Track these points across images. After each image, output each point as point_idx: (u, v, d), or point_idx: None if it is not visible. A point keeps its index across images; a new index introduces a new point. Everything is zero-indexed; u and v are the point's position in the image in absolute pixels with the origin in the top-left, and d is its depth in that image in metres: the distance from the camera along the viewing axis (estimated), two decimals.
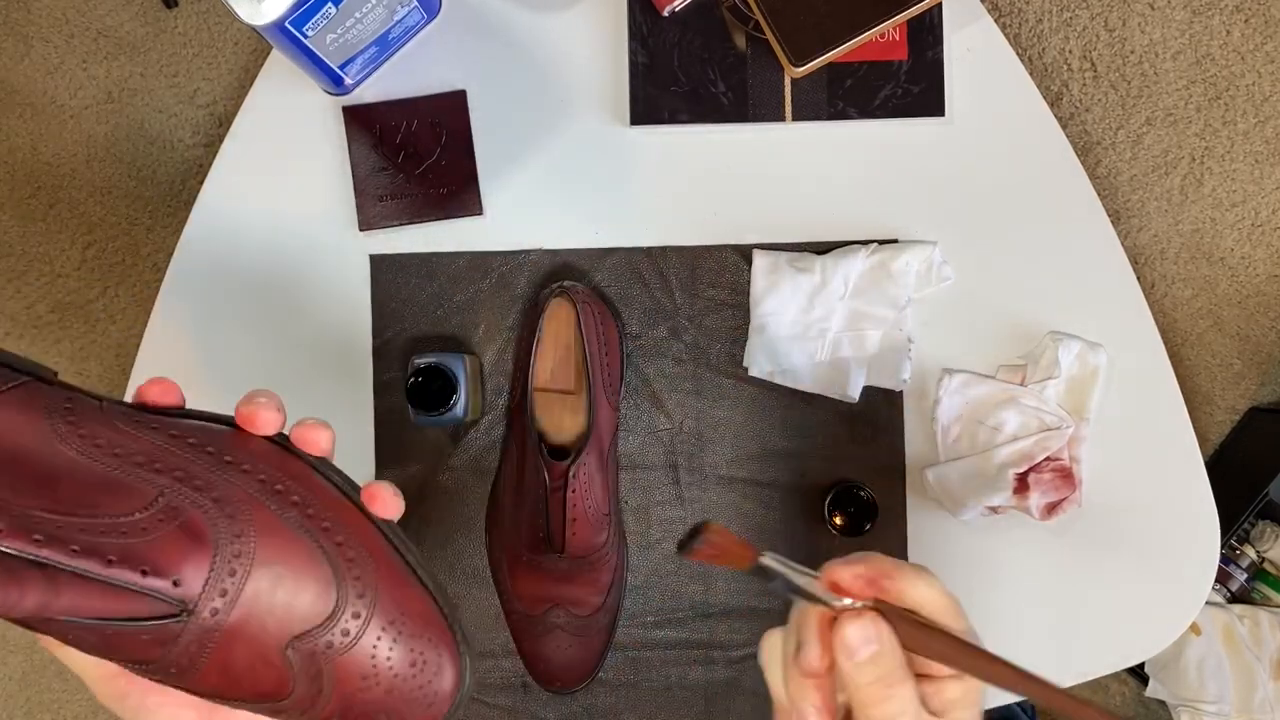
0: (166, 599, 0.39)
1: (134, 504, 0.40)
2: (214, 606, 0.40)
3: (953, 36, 0.87)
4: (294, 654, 0.41)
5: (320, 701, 0.42)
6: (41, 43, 1.49)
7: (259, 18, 0.71)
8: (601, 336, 0.83)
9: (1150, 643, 0.87)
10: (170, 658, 0.40)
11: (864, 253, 0.86)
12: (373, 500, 0.44)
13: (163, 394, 0.44)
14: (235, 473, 0.42)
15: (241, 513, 0.41)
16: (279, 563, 0.41)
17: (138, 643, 0.40)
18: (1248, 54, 1.46)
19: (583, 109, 0.89)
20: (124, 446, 0.41)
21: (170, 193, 1.49)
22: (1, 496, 0.38)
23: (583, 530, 0.81)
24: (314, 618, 0.41)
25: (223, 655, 0.41)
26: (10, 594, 0.37)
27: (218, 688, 0.42)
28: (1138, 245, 1.46)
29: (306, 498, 0.43)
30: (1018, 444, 0.85)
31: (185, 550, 0.40)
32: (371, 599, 0.42)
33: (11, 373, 0.42)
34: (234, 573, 0.40)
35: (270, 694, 0.42)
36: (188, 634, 0.40)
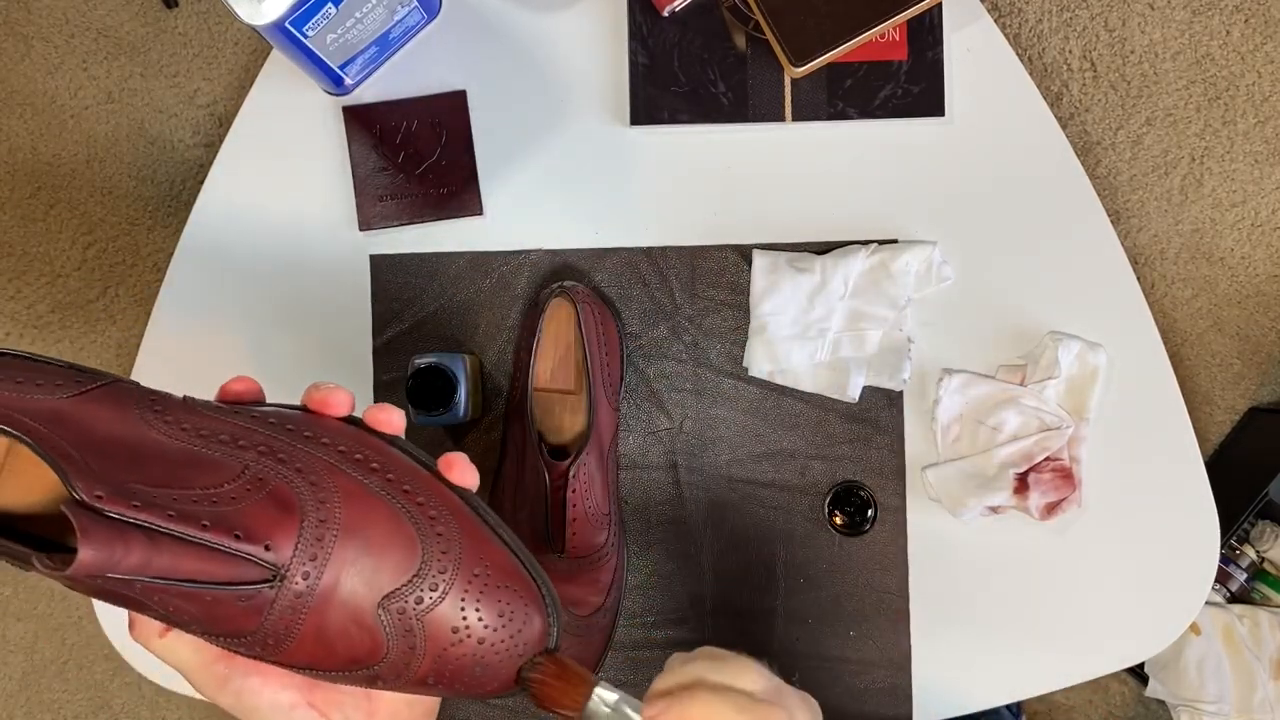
0: (260, 562, 0.40)
1: (222, 477, 0.41)
2: (305, 570, 0.41)
3: (953, 36, 0.87)
4: (385, 614, 0.42)
5: (414, 661, 0.43)
6: (41, 43, 1.49)
7: (259, 18, 0.71)
8: (601, 336, 0.83)
9: (1150, 643, 0.87)
10: (267, 627, 0.41)
11: (864, 253, 0.86)
12: (449, 468, 0.46)
13: (245, 390, 0.47)
14: (315, 445, 0.44)
15: (324, 481, 0.43)
16: (364, 525, 0.42)
17: (235, 610, 0.41)
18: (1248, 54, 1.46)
19: (583, 109, 0.89)
20: (208, 428, 0.43)
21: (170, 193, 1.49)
22: (99, 471, 0.40)
23: (583, 530, 0.81)
24: (402, 575, 0.42)
25: (316, 621, 0.42)
26: (116, 549, 0.38)
27: (313, 657, 0.43)
28: (1138, 245, 1.46)
29: (386, 464, 0.44)
30: (1018, 444, 0.85)
31: (274, 517, 0.41)
32: (456, 555, 0.43)
33: (96, 375, 0.45)
34: (321, 538, 0.41)
35: (365, 658, 0.43)
36: (281, 600, 0.41)
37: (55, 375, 0.44)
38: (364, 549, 0.42)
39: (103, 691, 1.52)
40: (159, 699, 1.52)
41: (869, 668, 0.87)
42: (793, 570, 0.87)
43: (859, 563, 0.87)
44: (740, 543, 0.87)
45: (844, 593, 0.87)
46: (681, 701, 0.43)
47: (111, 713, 1.52)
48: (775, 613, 0.87)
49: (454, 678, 0.44)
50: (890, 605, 0.87)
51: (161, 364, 0.89)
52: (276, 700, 0.45)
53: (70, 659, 1.52)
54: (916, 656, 0.87)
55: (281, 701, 0.45)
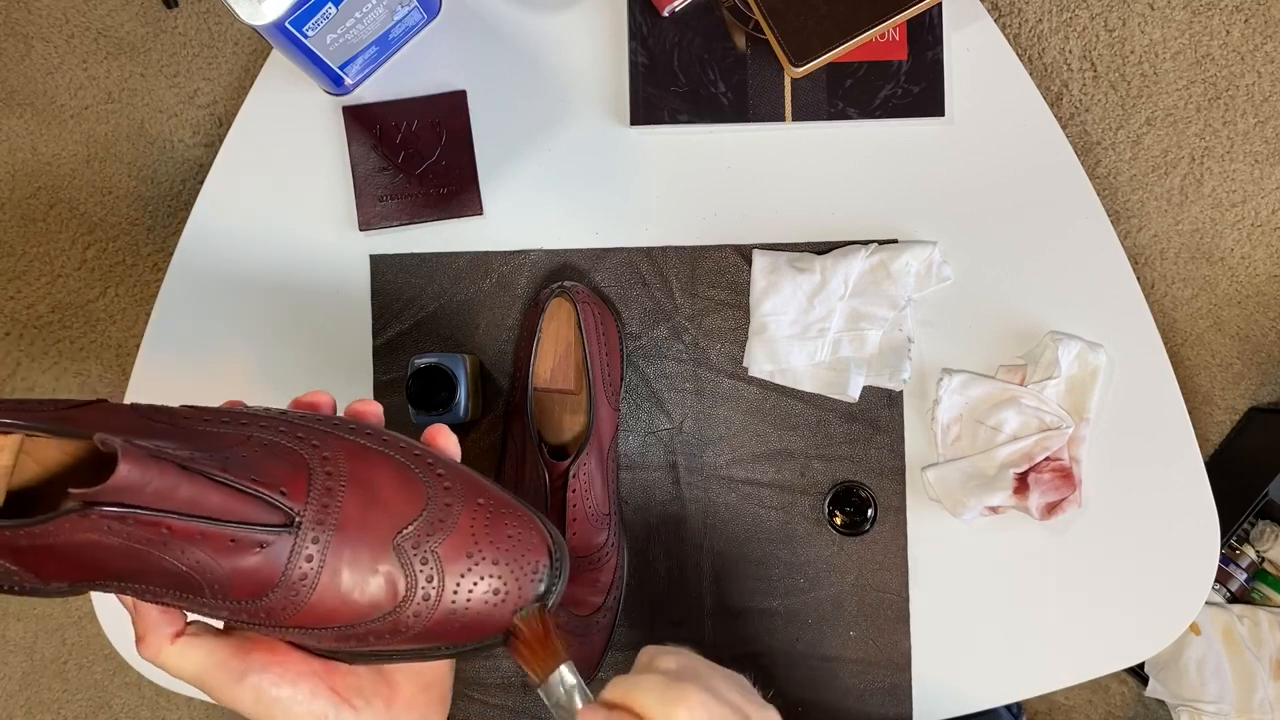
0: (277, 504, 0.42)
1: (230, 442, 0.44)
2: (319, 517, 0.43)
3: (953, 36, 0.87)
4: (400, 553, 0.44)
5: (433, 597, 0.44)
6: (41, 43, 1.49)
7: (259, 18, 0.71)
8: (601, 336, 0.83)
9: (1150, 643, 0.87)
10: (287, 580, 0.42)
11: (864, 253, 0.86)
12: (435, 437, 0.49)
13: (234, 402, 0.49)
14: (309, 421, 0.46)
15: (326, 444, 0.45)
16: (369, 475, 0.45)
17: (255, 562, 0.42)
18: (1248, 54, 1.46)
19: (583, 109, 0.89)
20: (208, 416, 0.45)
21: (170, 193, 1.49)
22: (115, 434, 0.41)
23: (583, 530, 0.81)
24: (411, 511, 0.44)
25: (334, 569, 0.43)
26: (150, 470, 0.39)
27: (334, 610, 0.44)
28: (1138, 245, 1.46)
29: (380, 432, 0.47)
30: (1018, 444, 0.85)
31: (284, 470, 0.43)
32: (459, 490, 0.46)
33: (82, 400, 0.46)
34: (330, 489, 0.43)
35: (385, 603, 0.44)
36: (300, 546, 0.42)
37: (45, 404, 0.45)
38: (372, 496, 0.44)
39: (103, 691, 1.52)
40: (159, 699, 1.52)
41: (869, 668, 0.87)
42: (793, 570, 0.87)
43: (859, 563, 0.87)
44: (740, 543, 0.87)
45: (844, 593, 0.87)
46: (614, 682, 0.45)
47: (111, 713, 1.52)
48: (775, 613, 0.87)
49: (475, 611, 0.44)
50: (890, 605, 0.87)
51: (161, 364, 0.89)
52: (297, 691, 0.45)
53: (70, 659, 1.52)
54: (916, 656, 0.87)
55: (301, 690, 0.45)
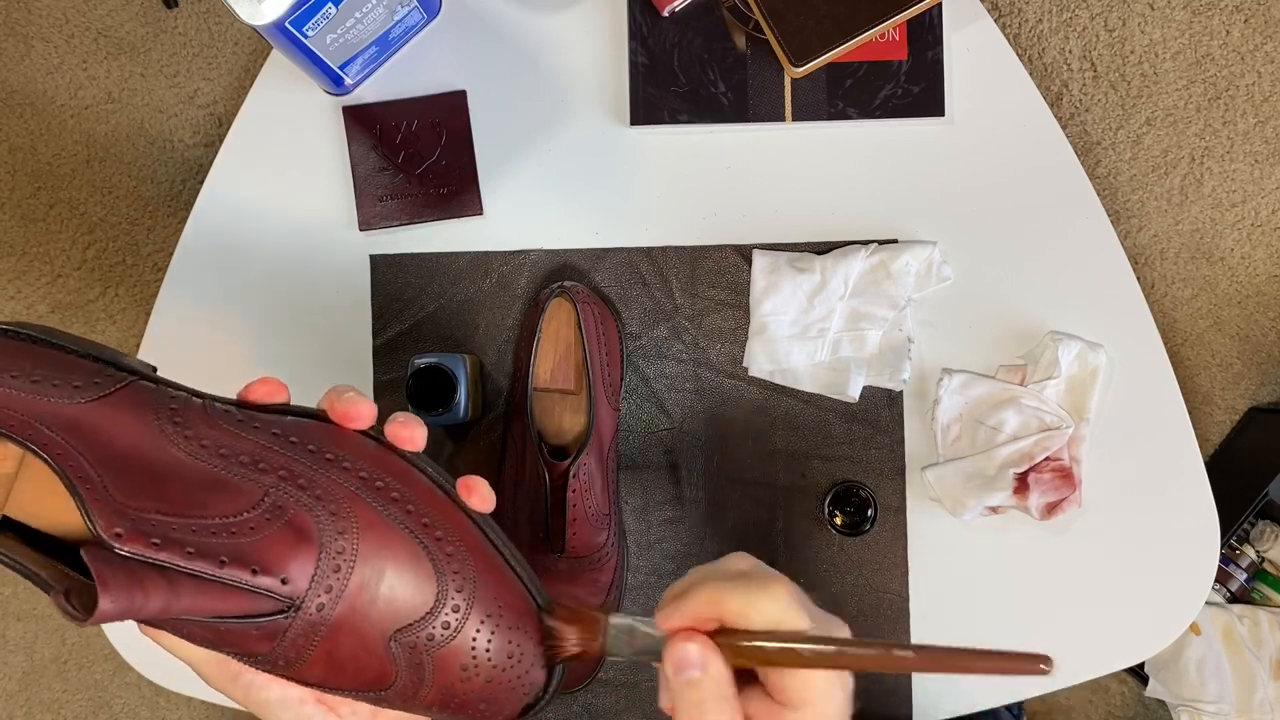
0: (276, 596, 0.40)
1: (241, 504, 0.41)
2: (320, 602, 0.41)
3: (953, 36, 0.87)
4: (397, 646, 0.42)
5: (422, 691, 0.43)
6: (41, 43, 1.49)
7: (259, 18, 0.71)
8: (601, 336, 0.83)
9: (1150, 643, 0.87)
10: (279, 652, 0.42)
11: (864, 253, 0.86)
12: (469, 493, 0.45)
13: (269, 394, 0.46)
14: (336, 470, 0.43)
15: (344, 510, 0.42)
16: (381, 558, 0.42)
17: (248, 638, 0.41)
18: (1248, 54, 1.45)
19: (583, 109, 0.89)
20: (229, 446, 0.43)
21: (170, 193, 1.49)
22: (118, 500, 0.40)
23: (583, 530, 0.81)
24: (416, 611, 0.42)
25: (328, 647, 0.42)
26: (136, 598, 0.38)
27: (323, 678, 0.43)
28: (1138, 245, 1.46)
29: (405, 494, 0.44)
30: (1018, 444, 0.85)
31: (292, 548, 0.41)
32: (470, 592, 0.43)
33: (118, 371, 0.44)
34: (338, 569, 0.42)
35: (373, 683, 0.43)
36: (295, 628, 0.41)
37: (73, 372, 0.43)
38: (379, 581, 0.42)
39: (103, 691, 1.52)
40: (159, 699, 1.52)
41: None
42: (793, 570, 0.87)
43: (859, 563, 0.87)
44: (740, 543, 0.87)
45: (844, 593, 0.87)
46: (685, 599, 0.42)
47: (111, 713, 1.52)
48: None
49: (459, 709, 0.44)
50: (890, 605, 0.87)
51: (162, 364, 0.88)
52: (286, 695, 0.45)
53: (70, 659, 1.52)
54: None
55: (290, 697, 0.45)
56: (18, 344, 0.44)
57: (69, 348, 0.44)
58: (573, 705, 0.87)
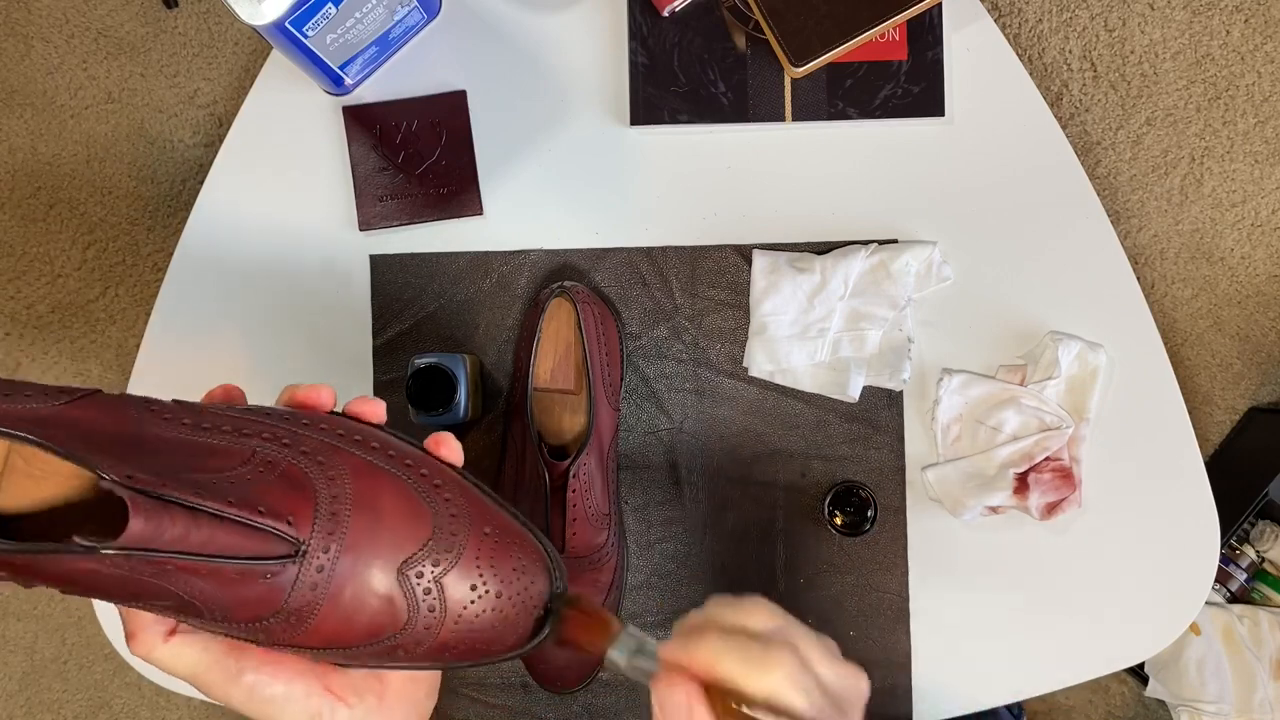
0: (285, 536, 0.41)
1: (233, 461, 0.42)
2: (324, 545, 0.42)
3: (953, 36, 0.87)
4: (404, 580, 0.43)
5: (435, 625, 0.43)
6: (41, 43, 1.49)
7: (259, 18, 0.71)
8: (601, 336, 0.83)
9: (1150, 643, 0.87)
10: (289, 605, 0.42)
11: (864, 253, 0.86)
12: (438, 446, 0.47)
13: (225, 395, 0.48)
14: (314, 430, 0.45)
15: (330, 460, 0.44)
16: (374, 496, 0.43)
17: (259, 590, 0.41)
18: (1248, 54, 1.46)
19: (583, 109, 0.89)
20: (209, 421, 0.44)
21: (170, 193, 1.49)
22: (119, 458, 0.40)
23: (583, 530, 0.81)
24: (416, 542, 0.43)
25: (337, 594, 0.42)
26: (162, 522, 0.39)
27: (335, 632, 0.43)
28: (1138, 245, 1.46)
29: (384, 444, 0.46)
30: (1018, 444, 0.85)
31: (290, 495, 0.42)
32: (465, 519, 0.44)
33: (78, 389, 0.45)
34: (336, 514, 0.42)
35: (386, 627, 0.43)
36: (304, 575, 0.42)
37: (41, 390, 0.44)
38: (377, 521, 0.43)
39: (103, 691, 1.52)
40: (159, 699, 1.52)
41: (869, 668, 0.86)
42: (793, 570, 0.87)
43: (859, 563, 0.87)
44: (740, 543, 0.87)
45: (844, 593, 0.87)
46: (692, 641, 0.44)
47: (111, 713, 1.52)
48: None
49: (474, 639, 0.44)
50: (890, 605, 0.87)
51: (161, 364, 0.89)
52: (291, 689, 0.45)
53: (70, 659, 1.52)
54: (916, 656, 0.87)
55: (297, 690, 0.45)
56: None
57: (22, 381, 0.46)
58: (573, 705, 0.87)
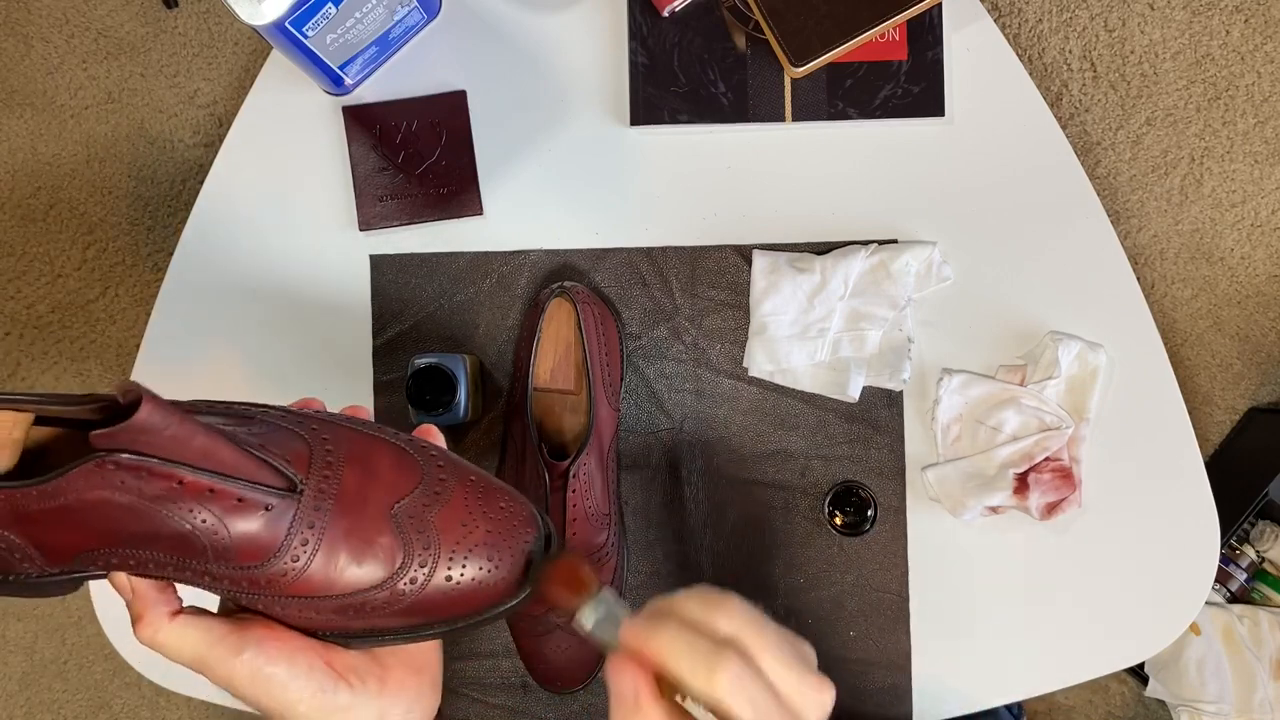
0: (283, 470, 0.44)
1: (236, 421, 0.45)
2: (320, 488, 0.44)
3: (953, 36, 0.87)
4: (398, 519, 0.45)
5: (429, 563, 0.45)
6: (41, 43, 1.49)
7: (259, 18, 0.71)
8: (601, 336, 0.83)
9: (1150, 643, 0.87)
10: (290, 546, 0.43)
11: (864, 253, 0.86)
12: (424, 435, 0.50)
13: None
14: (299, 416, 0.48)
15: (325, 429, 0.47)
16: (366, 455, 0.46)
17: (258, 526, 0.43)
18: (1248, 54, 1.45)
19: (583, 109, 0.89)
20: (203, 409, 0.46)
21: (170, 193, 1.49)
22: None
23: (583, 530, 0.81)
24: (408, 485, 0.46)
25: (334, 535, 0.44)
26: (170, 416, 0.41)
27: (331, 580, 0.44)
28: (1138, 245, 1.46)
29: (379, 426, 0.49)
30: (1018, 444, 0.85)
31: (286, 444, 0.45)
32: (451, 469, 0.48)
33: None
34: (330, 464, 0.45)
35: (382, 571, 0.45)
36: (302, 514, 0.44)
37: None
38: (370, 471, 0.46)
39: (103, 691, 1.52)
40: (159, 699, 1.52)
41: (869, 668, 0.87)
42: (793, 570, 0.87)
43: (859, 563, 0.87)
44: (740, 543, 0.87)
45: (844, 593, 0.87)
46: (652, 627, 0.44)
47: (111, 713, 1.52)
48: (775, 613, 0.87)
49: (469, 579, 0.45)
50: (890, 605, 0.87)
51: (161, 364, 0.89)
52: (293, 665, 0.45)
53: (70, 659, 1.52)
54: (916, 656, 0.87)
55: (298, 665, 0.45)
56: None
57: None
58: (573, 705, 0.87)
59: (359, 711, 0.46)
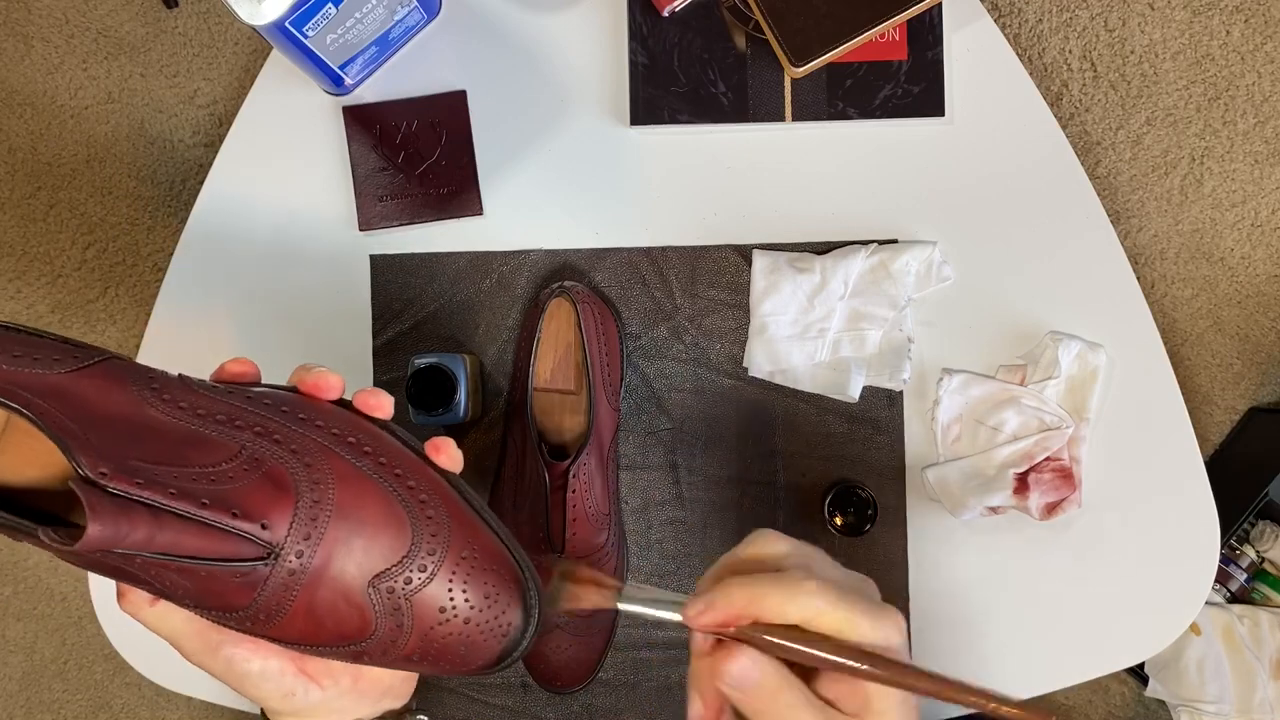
0: (256, 540, 0.41)
1: (219, 456, 0.42)
2: (299, 549, 0.42)
3: (953, 36, 0.87)
4: (375, 593, 0.43)
5: (401, 639, 0.43)
6: (41, 43, 1.49)
7: (259, 18, 0.71)
8: (601, 336, 0.83)
9: (1150, 643, 0.87)
10: (259, 603, 0.42)
11: (864, 253, 0.86)
12: (437, 452, 0.47)
13: (242, 373, 0.48)
14: (309, 427, 0.44)
15: (319, 463, 0.43)
16: (357, 507, 0.43)
17: (230, 586, 0.42)
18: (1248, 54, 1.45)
19: (583, 109, 0.89)
20: (205, 408, 0.44)
21: (170, 193, 1.49)
22: (100, 447, 0.41)
23: (583, 530, 0.81)
24: (392, 556, 0.43)
25: (308, 597, 0.42)
26: (122, 526, 0.39)
27: (303, 633, 0.43)
28: (1138, 245, 1.46)
29: (378, 448, 0.45)
30: (1018, 444, 0.85)
31: (270, 497, 0.42)
32: (445, 537, 0.44)
33: (92, 351, 0.45)
34: (315, 518, 0.42)
35: (353, 635, 0.43)
36: (275, 577, 0.42)
37: (51, 350, 0.44)
38: (356, 529, 0.43)
39: (103, 691, 1.52)
40: (159, 699, 1.52)
41: None
42: None
43: (859, 563, 0.87)
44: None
45: None
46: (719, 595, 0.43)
47: (111, 713, 1.52)
48: None
49: (439, 655, 0.44)
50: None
51: (161, 364, 0.88)
52: (267, 667, 0.46)
53: (70, 659, 1.52)
54: (916, 656, 0.87)
55: (272, 668, 0.46)
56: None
57: (40, 333, 0.46)
58: (573, 705, 0.87)
59: (332, 705, 0.47)
